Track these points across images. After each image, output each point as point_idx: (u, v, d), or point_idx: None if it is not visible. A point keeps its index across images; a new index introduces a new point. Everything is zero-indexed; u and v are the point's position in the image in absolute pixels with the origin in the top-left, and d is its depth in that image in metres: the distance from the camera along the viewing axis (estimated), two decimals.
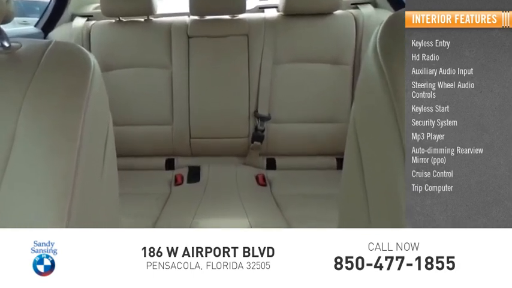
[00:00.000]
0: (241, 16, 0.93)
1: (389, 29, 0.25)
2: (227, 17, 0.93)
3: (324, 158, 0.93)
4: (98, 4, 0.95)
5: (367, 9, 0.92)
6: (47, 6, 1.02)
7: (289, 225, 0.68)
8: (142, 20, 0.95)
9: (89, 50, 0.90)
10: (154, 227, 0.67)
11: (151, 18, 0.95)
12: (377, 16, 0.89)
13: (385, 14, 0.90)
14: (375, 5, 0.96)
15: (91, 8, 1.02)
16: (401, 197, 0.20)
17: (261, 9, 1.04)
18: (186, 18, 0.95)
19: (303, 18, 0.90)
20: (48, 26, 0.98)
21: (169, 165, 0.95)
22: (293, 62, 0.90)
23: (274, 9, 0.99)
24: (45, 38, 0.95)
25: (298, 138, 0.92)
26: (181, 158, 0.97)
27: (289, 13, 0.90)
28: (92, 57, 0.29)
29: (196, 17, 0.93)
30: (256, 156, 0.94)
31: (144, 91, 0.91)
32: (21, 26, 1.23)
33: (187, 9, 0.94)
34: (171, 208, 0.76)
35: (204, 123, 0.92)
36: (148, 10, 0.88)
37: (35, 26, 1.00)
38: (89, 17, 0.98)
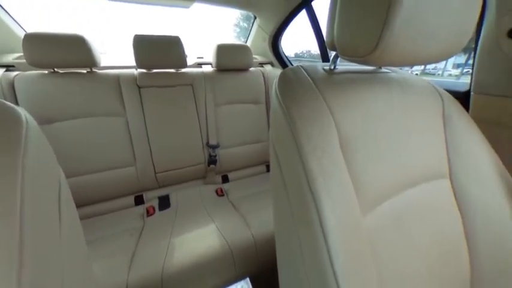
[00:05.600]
0: (184, 70, 1.07)
1: (282, 80, 0.38)
2: (172, 70, 1.05)
3: (258, 166, 1.25)
4: (21, 54, 0.82)
5: (268, 67, 1.34)
6: None
7: (244, 219, 0.85)
8: (85, 71, 0.90)
9: (15, 103, 0.78)
10: (132, 259, 0.68)
11: (95, 70, 0.92)
12: (274, 72, 1.30)
13: (278, 70, 1.33)
14: (272, 65, 1.38)
15: (11, 58, 0.84)
16: (302, 177, 0.30)
17: (199, 65, 1.23)
18: (134, 71, 0.99)
19: (231, 72, 1.16)
20: None
21: (139, 200, 0.98)
22: (229, 104, 1.15)
23: (209, 66, 1.22)
24: None
25: (240, 156, 1.18)
26: (150, 192, 1.02)
27: (220, 68, 1.14)
28: (23, 112, 0.24)
29: (143, 70, 0.99)
30: (213, 176, 1.14)
31: (101, 138, 0.89)
32: None
33: (125, 63, 0.99)
34: (147, 237, 0.78)
35: (166, 159, 1.01)
36: (91, 63, 0.87)
37: None
38: (8, 67, 0.81)
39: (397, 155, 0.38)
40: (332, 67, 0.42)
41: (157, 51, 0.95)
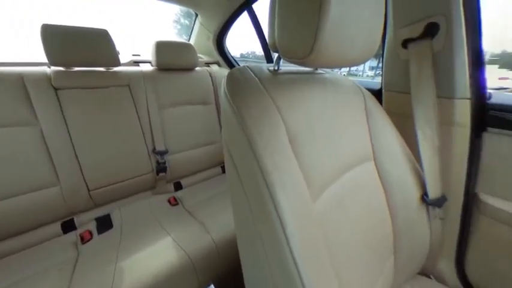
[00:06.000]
0: (117, 69, 0.94)
1: (230, 80, 0.38)
2: (101, 69, 0.90)
3: (213, 169, 1.22)
4: None
5: (215, 67, 1.32)
6: None
7: (203, 224, 0.81)
8: None
9: None
10: None
11: None
12: (221, 72, 1.29)
13: (225, 70, 1.33)
14: (219, 65, 1.37)
15: None
16: (258, 174, 0.31)
17: (136, 63, 1.09)
18: (46, 69, 0.80)
19: (175, 72, 1.08)
20: None
21: (68, 226, 0.81)
22: (175, 106, 1.07)
23: (148, 64, 1.10)
24: None
25: (192, 160, 1.12)
26: (83, 214, 0.85)
27: (162, 68, 1.05)
28: None
29: (60, 68, 0.81)
30: (164, 184, 1.05)
31: (1, 156, 0.69)
32: None
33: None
34: (84, 268, 0.66)
35: (102, 172, 0.87)
36: None
37: None
38: None
39: (334, 145, 0.43)
40: (276, 68, 0.44)
41: (77, 45, 0.80)
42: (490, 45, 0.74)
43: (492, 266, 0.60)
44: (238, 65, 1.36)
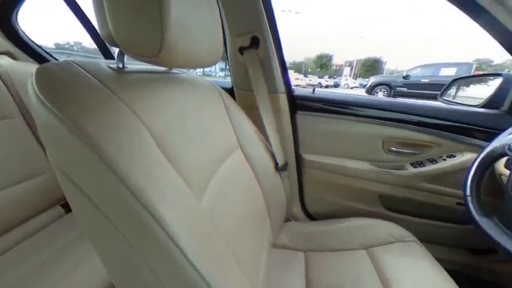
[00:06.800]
0: None
1: (47, 80, 0.28)
2: None
3: (49, 212, 0.83)
4: None
5: (4, 60, 0.85)
6: None
7: None
8: None
9: None
10: None
11: None
12: (20, 68, 0.86)
13: (30, 66, 0.92)
14: (13, 57, 0.90)
15: None
16: (126, 194, 0.25)
17: None
18: None
19: None
20: None
21: None
22: None
23: None
24: None
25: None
26: None
27: None
28: None
29: None
30: None
31: None
32: None
33: None
34: None
35: None
36: None
37: None
38: None
39: (205, 142, 0.45)
40: (120, 65, 0.38)
41: None
42: (287, 56, 1.11)
43: (318, 197, 0.96)
44: (55, 58, 1.01)
